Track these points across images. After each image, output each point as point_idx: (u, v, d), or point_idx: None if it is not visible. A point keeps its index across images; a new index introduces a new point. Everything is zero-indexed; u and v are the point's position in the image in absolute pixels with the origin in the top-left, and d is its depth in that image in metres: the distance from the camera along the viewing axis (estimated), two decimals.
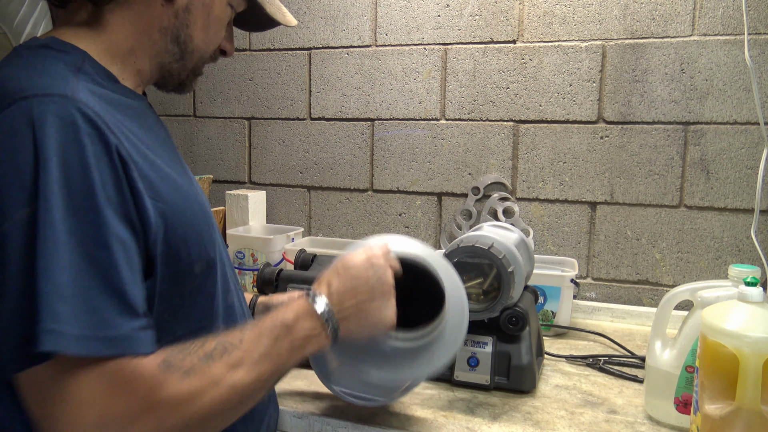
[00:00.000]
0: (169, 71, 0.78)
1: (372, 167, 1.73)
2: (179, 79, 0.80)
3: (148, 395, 0.53)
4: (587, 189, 1.54)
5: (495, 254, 1.00)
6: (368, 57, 1.70)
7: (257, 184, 1.87)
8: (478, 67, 1.60)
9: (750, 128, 1.41)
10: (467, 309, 0.85)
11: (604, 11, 1.49)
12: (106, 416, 0.51)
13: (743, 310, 0.76)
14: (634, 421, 0.96)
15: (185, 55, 0.77)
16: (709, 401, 0.76)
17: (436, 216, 1.69)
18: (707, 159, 1.45)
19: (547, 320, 1.36)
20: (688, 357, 0.91)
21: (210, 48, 0.80)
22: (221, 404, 0.57)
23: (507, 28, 1.57)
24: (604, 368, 1.17)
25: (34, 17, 1.64)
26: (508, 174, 1.61)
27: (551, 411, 0.99)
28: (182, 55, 0.76)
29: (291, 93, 1.80)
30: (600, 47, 1.50)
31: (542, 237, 1.59)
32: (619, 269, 1.54)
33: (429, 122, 1.66)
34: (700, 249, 1.47)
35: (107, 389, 0.51)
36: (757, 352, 0.72)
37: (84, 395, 0.50)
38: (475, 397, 1.04)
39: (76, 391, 0.50)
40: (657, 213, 1.49)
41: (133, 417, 0.52)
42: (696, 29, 1.43)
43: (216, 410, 0.57)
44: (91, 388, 0.50)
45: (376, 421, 0.94)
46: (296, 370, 1.13)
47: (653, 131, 1.48)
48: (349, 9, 1.71)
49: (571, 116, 1.54)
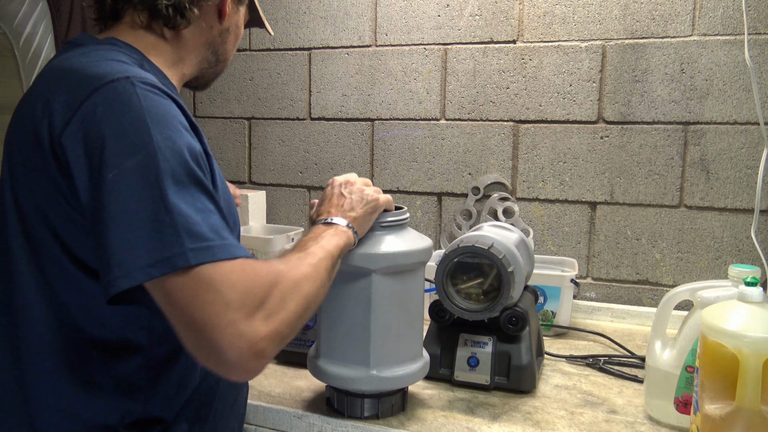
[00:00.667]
0: (203, 75, 0.93)
1: (372, 167, 1.73)
2: (208, 81, 0.96)
3: (271, 276, 0.68)
4: (587, 189, 1.54)
5: (495, 254, 1.00)
6: (368, 57, 1.70)
7: (257, 184, 1.87)
8: (478, 67, 1.60)
9: (750, 128, 1.41)
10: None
11: (604, 11, 1.49)
12: (246, 294, 0.64)
13: (743, 310, 0.76)
14: (634, 421, 0.96)
15: (218, 63, 0.93)
16: (709, 401, 0.76)
17: (436, 216, 1.69)
18: (707, 159, 1.45)
19: (547, 320, 1.36)
20: (688, 357, 0.91)
21: (232, 56, 0.96)
22: (319, 285, 0.74)
23: (507, 28, 1.57)
24: (604, 368, 1.17)
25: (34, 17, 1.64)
26: (508, 174, 1.61)
27: (551, 411, 0.99)
28: (216, 63, 0.92)
29: (291, 93, 1.80)
30: (600, 47, 1.50)
31: (542, 237, 1.59)
32: (619, 269, 1.54)
33: (429, 122, 1.66)
34: (700, 249, 1.47)
35: (242, 276, 0.64)
36: (757, 352, 0.72)
37: (226, 284, 0.63)
38: (475, 397, 1.04)
39: (221, 283, 0.63)
40: (657, 213, 1.49)
41: (264, 293, 0.66)
42: (696, 29, 1.43)
43: (314, 288, 0.73)
44: (232, 278, 0.64)
45: (376, 421, 0.94)
46: (296, 369, 1.14)
47: (653, 131, 1.48)
48: (349, 9, 1.71)
49: (571, 116, 1.54)
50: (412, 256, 0.91)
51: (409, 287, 0.93)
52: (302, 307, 0.69)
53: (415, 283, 0.95)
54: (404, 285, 0.92)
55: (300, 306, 0.69)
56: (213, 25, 0.88)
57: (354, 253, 0.88)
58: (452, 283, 1.05)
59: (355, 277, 0.90)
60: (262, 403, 1.00)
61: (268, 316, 0.65)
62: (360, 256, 0.88)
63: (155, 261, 0.62)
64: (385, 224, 0.92)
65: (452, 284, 1.05)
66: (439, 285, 1.04)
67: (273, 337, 0.65)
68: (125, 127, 0.66)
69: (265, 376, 1.12)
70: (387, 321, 0.91)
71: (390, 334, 0.91)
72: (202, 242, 0.63)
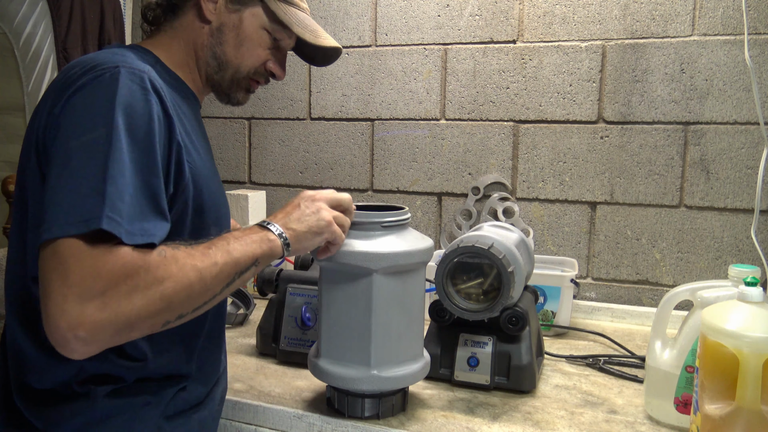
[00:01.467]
0: (214, 82, 0.95)
1: (372, 167, 1.73)
2: (224, 90, 0.96)
3: (129, 267, 0.67)
4: (587, 189, 1.54)
5: (495, 254, 1.00)
6: (368, 57, 1.70)
7: (257, 184, 1.87)
8: (478, 67, 1.60)
9: (750, 128, 1.41)
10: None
11: (604, 11, 1.49)
12: (89, 276, 0.65)
13: (743, 310, 0.76)
14: (634, 421, 0.96)
15: (222, 67, 0.93)
16: (709, 401, 0.76)
17: (436, 216, 1.69)
18: (707, 159, 1.45)
19: (547, 320, 1.36)
20: (688, 357, 0.91)
21: (245, 63, 0.94)
22: (192, 291, 0.72)
23: (507, 28, 1.57)
24: (604, 368, 1.17)
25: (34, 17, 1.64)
26: (508, 174, 1.61)
27: (551, 411, 0.99)
28: (219, 67, 0.93)
29: (291, 93, 1.80)
30: (600, 47, 1.50)
31: (542, 237, 1.59)
32: (619, 269, 1.54)
33: (429, 122, 1.66)
34: (700, 249, 1.47)
35: (95, 258, 0.65)
36: (757, 352, 0.72)
37: (74, 261, 0.65)
38: (475, 397, 1.04)
39: (69, 257, 0.65)
40: (657, 213, 1.49)
41: (111, 281, 0.66)
42: (696, 29, 1.43)
43: (182, 292, 0.71)
44: (83, 257, 0.65)
45: (377, 421, 0.94)
46: (296, 369, 1.14)
47: (653, 131, 1.48)
48: (349, 9, 1.71)
49: (571, 116, 1.54)
50: (413, 256, 0.91)
51: (409, 287, 0.93)
52: (155, 306, 0.67)
53: (416, 283, 0.94)
54: (405, 285, 0.92)
55: (151, 304, 0.67)
56: (201, 25, 0.91)
57: (355, 253, 0.88)
58: (452, 283, 1.05)
59: (355, 277, 0.89)
60: (263, 403, 1.00)
61: (105, 304, 0.64)
62: (361, 255, 0.88)
63: (70, 222, 0.66)
64: (387, 224, 0.91)
65: (452, 284, 1.05)
66: (439, 285, 1.04)
67: (104, 326, 0.64)
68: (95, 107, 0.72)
69: (265, 376, 1.12)
70: (388, 321, 0.90)
71: (391, 334, 0.91)
72: (106, 218, 0.65)
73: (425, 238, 0.96)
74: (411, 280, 0.93)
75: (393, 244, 0.90)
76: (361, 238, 0.90)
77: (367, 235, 0.90)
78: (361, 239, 0.90)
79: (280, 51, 0.99)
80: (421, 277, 0.95)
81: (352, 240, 0.89)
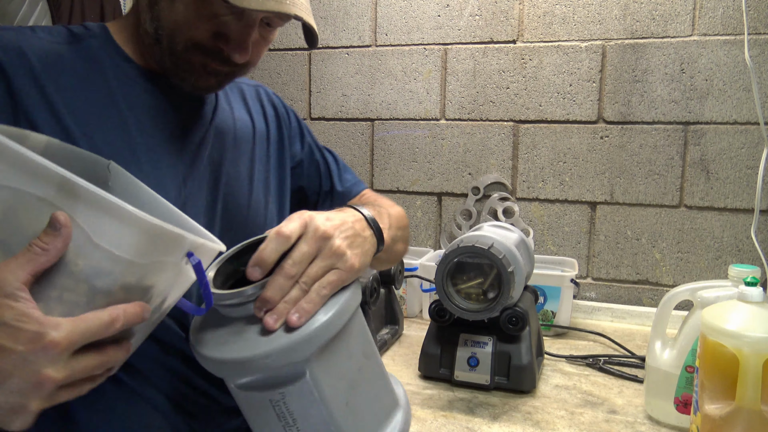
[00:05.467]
0: (157, 57, 0.75)
1: (372, 167, 1.73)
2: (167, 67, 0.75)
3: None
4: (587, 189, 1.54)
5: (495, 254, 1.00)
6: (368, 57, 1.70)
7: None
8: (478, 67, 1.60)
9: (750, 128, 1.41)
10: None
11: (604, 11, 1.49)
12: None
13: (743, 310, 0.76)
14: (634, 421, 0.96)
15: (162, 39, 0.73)
16: (709, 401, 0.76)
17: (436, 216, 1.69)
18: (707, 159, 1.45)
19: (547, 320, 1.36)
20: (688, 357, 0.91)
21: (185, 33, 0.72)
22: None
23: (507, 28, 1.57)
24: (604, 368, 1.17)
25: (34, 17, 1.64)
26: (508, 174, 1.61)
27: (551, 411, 0.99)
28: (158, 38, 0.73)
29: (291, 93, 1.80)
30: (600, 47, 1.50)
31: (542, 237, 1.59)
32: (619, 269, 1.54)
33: (429, 122, 1.66)
34: (700, 249, 1.47)
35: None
36: (757, 352, 0.72)
37: None
38: (475, 397, 1.04)
39: None
40: (657, 213, 1.49)
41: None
42: (696, 29, 1.43)
43: None
44: None
45: None
46: None
47: (653, 131, 1.48)
48: (349, 9, 1.71)
49: (571, 116, 1.54)
50: (340, 318, 0.62)
51: (351, 349, 0.65)
52: None
53: (354, 340, 0.66)
54: (345, 351, 0.64)
55: None
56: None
57: (267, 355, 0.57)
58: (452, 283, 1.05)
59: (285, 382, 0.60)
60: None
61: None
62: (281, 351, 0.57)
63: None
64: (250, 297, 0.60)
65: (452, 284, 1.05)
66: (439, 285, 1.04)
67: None
68: None
69: None
70: (348, 404, 0.64)
71: (358, 413, 0.65)
72: None
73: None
74: (345, 340, 0.64)
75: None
76: (249, 329, 0.60)
77: (250, 319, 0.60)
78: (251, 331, 0.59)
79: (236, 19, 0.73)
80: (355, 329, 0.66)
81: (240, 335, 0.59)
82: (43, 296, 0.47)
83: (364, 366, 0.67)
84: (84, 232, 0.47)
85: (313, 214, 0.63)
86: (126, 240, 0.48)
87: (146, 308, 0.51)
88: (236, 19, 0.73)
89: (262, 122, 0.95)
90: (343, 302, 0.62)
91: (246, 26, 0.74)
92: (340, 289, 0.62)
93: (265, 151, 0.93)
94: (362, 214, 0.71)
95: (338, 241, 0.62)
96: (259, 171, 0.90)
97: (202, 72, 0.75)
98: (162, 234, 0.50)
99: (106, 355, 0.49)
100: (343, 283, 0.62)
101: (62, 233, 0.45)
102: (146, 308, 0.51)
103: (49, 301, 0.47)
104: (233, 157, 0.85)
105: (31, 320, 0.44)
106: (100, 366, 0.49)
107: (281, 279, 0.58)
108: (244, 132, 0.89)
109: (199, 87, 0.77)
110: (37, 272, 0.46)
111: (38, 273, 0.46)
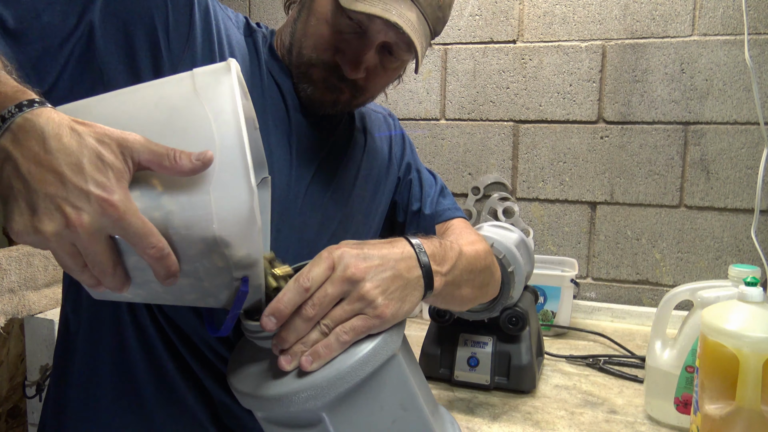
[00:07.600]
0: (291, 62, 0.79)
1: None
2: (293, 76, 0.79)
3: None
4: (587, 189, 1.54)
5: (495, 254, 0.99)
6: None
7: None
8: (478, 67, 1.60)
9: (750, 128, 1.41)
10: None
11: (604, 11, 1.49)
12: None
13: (743, 310, 0.76)
14: (634, 421, 0.96)
15: (291, 44, 0.78)
16: (709, 401, 0.76)
17: None
18: (707, 159, 1.45)
19: (547, 320, 1.36)
20: (688, 357, 0.91)
21: (310, 45, 0.76)
22: None
23: (507, 28, 1.57)
24: (604, 368, 1.17)
25: None
26: (508, 174, 1.60)
27: (551, 411, 0.99)
28: (291, 45, 0.78)
29: None
30: (600, 47, 1.50)
31: (542, 237, 1.59)
32: (619, 269, 1.54)
33: (429, 122, 1.66)
34: (700, 249, 1.47)
35: None
36: (757, 352, 0.72)
37: None
38: (475, 397, 1.04)
39: None
40: (657, 213, 1.49)
41: None
42: (696, 29, 1.43)
43: None
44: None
45: None
46: None
47: (653, 131, 1.48)
48: None
49: (571, 116, 1.54)
50: (362, 368, 0.56)
51: (382, 400, 0.58)
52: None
53: (387, 390, 0.59)
54: (375, 402, 0.58)
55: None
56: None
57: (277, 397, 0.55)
58: None
59: (304, 425, 0.57)
60: None
61: None
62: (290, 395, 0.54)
63: None
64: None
65: None
66: None
67: None
68: None
69: None
70: None
71: None
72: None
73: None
74: (374, 390, 0.58)
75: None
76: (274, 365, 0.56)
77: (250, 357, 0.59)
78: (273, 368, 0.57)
79: (357, 38, 0.75)
80: (389, 376, 0.59)
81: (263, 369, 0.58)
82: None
83: (401, 418, 0.60)
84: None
85: (346, 251, 0.59)
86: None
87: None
88: (357, 37, 0.75)
89: (387, 148, 1.00)
90: (368, 350, 0.56)
91: (364, 45, 0.75)
92: (371, 335, 0.57)
93: (385, 176, 0.96)
94: (414, 250, 0.64)
95: (368, 285, 0.57)
96: (380, 193, 0.93)
97: (320, 85, 0.78)
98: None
99: (112, 266, 0.49)
100: (369, 330, 0.57)
101: (203, 164, 0.48)
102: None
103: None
104: (364, 177, 0.90)
105: (111, 178, 0.46)
106: (103, 266, 0.48)
107: (297, 320, 0.56)
108: (378, 155, 0.96)
109: (315, 100, 0.79)
110: (149, 167, 0.48)
111: (148, 167, 0.48)
